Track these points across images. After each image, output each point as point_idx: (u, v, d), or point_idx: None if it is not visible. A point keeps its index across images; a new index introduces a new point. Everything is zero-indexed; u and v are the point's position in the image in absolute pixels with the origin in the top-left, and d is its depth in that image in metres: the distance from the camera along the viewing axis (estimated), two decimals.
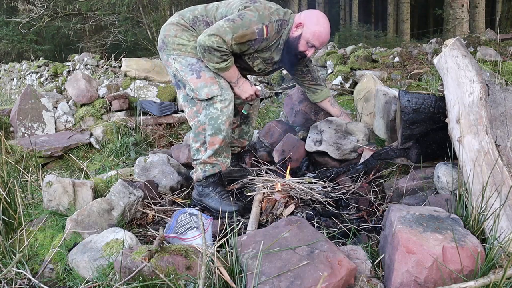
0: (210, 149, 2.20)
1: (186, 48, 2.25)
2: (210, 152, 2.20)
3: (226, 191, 2.28)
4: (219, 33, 2.03)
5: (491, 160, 1.54)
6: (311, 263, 1.30)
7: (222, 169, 2.28)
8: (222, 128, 2.16)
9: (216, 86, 2.17)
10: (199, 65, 2.21)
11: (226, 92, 2.17)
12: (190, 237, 1.65)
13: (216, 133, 2.16)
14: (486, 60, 3.67)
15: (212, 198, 2.22)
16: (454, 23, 8.71)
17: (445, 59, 1.85)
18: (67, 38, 13.75)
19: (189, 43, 2.25)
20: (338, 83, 4.37)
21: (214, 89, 2.16)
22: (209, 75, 2.19)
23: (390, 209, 1.55)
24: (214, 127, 2.15)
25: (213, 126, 2.16)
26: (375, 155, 2.28)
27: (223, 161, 2.26)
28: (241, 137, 2.62)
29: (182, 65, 2.23)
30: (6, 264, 1.66)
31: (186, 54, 2.24)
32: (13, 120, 3.72)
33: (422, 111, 1.96)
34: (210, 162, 2.24)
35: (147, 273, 1.38)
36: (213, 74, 2.19)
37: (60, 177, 2.03)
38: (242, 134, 2.61)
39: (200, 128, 2.22)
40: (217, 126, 2.15)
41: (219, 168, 2.26)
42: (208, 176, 2.26)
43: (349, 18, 16.97)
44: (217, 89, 2.16)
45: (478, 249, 1.30)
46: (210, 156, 2.21)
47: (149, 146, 3.54)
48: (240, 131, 2.60)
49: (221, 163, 2.26)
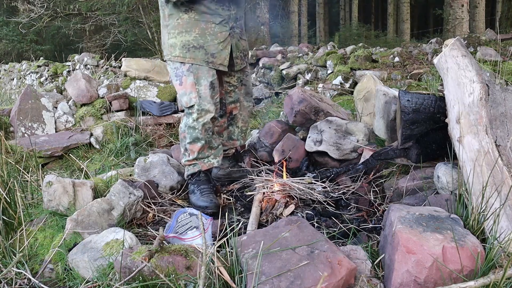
0: (191, 156, 2.27)
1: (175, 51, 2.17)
2: (191, 157, 2.27)
3: (210, 189, 2.28)
4: None
5: (491, 160, 1.54)
6: (311, 263, 1.30)
7: (202, 168, 2.29)
8: (200, 136, 2.20)
9: (194, 94, 2.15)
10: (181, 69, 2.17)
11: (203, 103, 2.15)
12: (190, 237, 1.65)
13: (195, 141, 2.22)
14: (486, 60, 3.67)
15: (194, 194, 2.25)
16: (454, 23, 8.71)
17: (445, 59, 1.85)
18: (67, 38, 13.74)
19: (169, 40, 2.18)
20: (338, 83, 4.37)
21: (192, 98, 2.15)
22: (190, 81, 2.15)
23: (390, 209, 1.55)
24: (192, 136, 2.20)
25: (191, 135, 2.20)
26: (375, 155, 2.28)
27: (205, 162, 2.29)
28: (230, 138, 2.56)
29: (171, 69, 2.22)
30: (6, 264, 1.66)
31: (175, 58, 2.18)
32: (13, 120, 3.72)
33: (422, 111, 1.96)
34: (191, 163, 2.30)
35: (147, 273, 1.38)
36: (193, 80, 2.15)
37: (60, 177, 2.02)
38: (231, 135, 2.55)
39: (182, 135, 2.27)
40: (195, 135, 2.20)
41: (198, 167, 2.29)
42: (190, 174, 2.32)
43: (349, 18, 16.97)
44: (195, 97, 2.14)
45: (478, 249, 1.29)
46: (191, 160, 2.28)
47: (149, 146, 3.54)
48: (228, 133, 2.55)
49: (202, 163, 2.29)
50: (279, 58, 5.71)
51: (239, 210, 2.21)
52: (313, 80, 4.90)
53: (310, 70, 5.04)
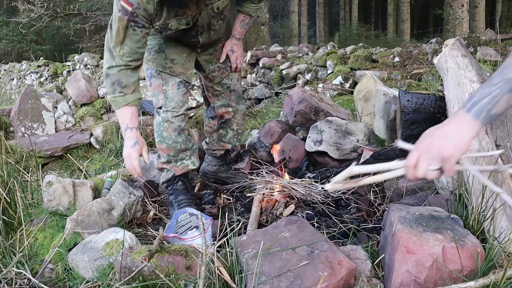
0: (162, 158, 2.14)
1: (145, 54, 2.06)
2: (162, 159, 2.14)
3: (188, 200, 2.13)
4: (106, 48, 1.79)
5: (491, 160, 1.54)
6: (311, 263, 1.30)
7: (176, 173, 2.14)
8: (165, 135, 2.06)
9: (161, 95, 2.06)
10: (150, 71, 2.08)
11: (169, 104, 2.05)
12: (190, 237, 1.65)
13: (160, 140, 2.09)
14: (486, 60, 3.67)
15: (172, 206, 2.12)
16: (454, 23, 8.72)
17: (445, 59, 1.85)
18: (67, 38, 13.75)
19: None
20: (338, 83, 4.37)
21: (159, 99, 2.06)
22: (157, 82, 2.07)
23: (390, 209, 1.55)
24: (158, 134, 2.09)
25: (157, 133, 2.09)
26: (375, 155, 2.28)
27: (178, 165, 2.13)
28: (220, 140, 2.44)
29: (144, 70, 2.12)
30: (6, 264, 1.66)
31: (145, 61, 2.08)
32: (13, 120, 3.72)
33: (422, 111, 1.96)
34: (164, 168, 2.16)
35: (147, 273, 1.38)
36: (161, 81, 2.06)
37: (60, 177, 2.03)
38: (221, 137, 2.44)
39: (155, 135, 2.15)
40: (160, 133, 2.08)
41: (171, 173, 2.14)
42: (164, 181, 2.19)
43: (349, 18, 16.98)
44: (162, 99, 2.06)
45: (478, 249, 1.29)
46: (164, 162, 2.14)
47: (149, 146, 3.54)
48: (218, 136, 2.43)
49: (175, 166, 2.13)
50: (279, 58, 5.71)
51: (239, 210, 2.21)
52: (313, 80, 4.90)
53: (310, 70, 5.04)
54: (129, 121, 1.84)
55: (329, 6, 17.97)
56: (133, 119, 1.85)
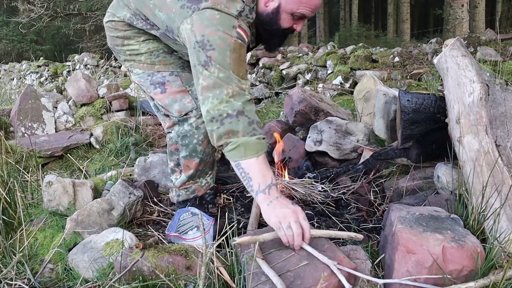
0: (184, 174, 1.84)
1: (139, 58, 1.79)
2: (184, 178, 1.85)
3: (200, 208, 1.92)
4: (220, 85, 1.42)
5: (491, 160, 1.54)
6: (311, 263, 1.30)
7: (198, 194, 1.91)
8: (199, 149, 1.76)
9: (188, 98, 1.76)
10: (161, 74, 1.78)
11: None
12: (192, 238, 1.65)
13: (192, 155, 1.78)
14: (486, 60, 3.67)
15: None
16: (454, 23, 8.72)
17: (445, 59, 1.85)
18: (67, 38, 13.76)
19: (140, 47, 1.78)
20: (338, 83, 4.37)
21: (186, 103, 1.75)
22: (177, 86, 1.77)
23: (390, 209, 1.55)
24: (189, 148, 1.77)
25: (187, 147, 1.77)
26: (375, 155, 2.28)
27: (201, 184, 1.89)
28: None
29: (141, 78, 1.82)
30: (6, 264, 1.66)
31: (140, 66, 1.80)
32: (13, 120, 3.72)
33: (422, 111, 1.96)
34: (185, 187, 1.90)
35: (147, 273, 1.38)
36: (181, 84, 1.77)
37: (60, 177, 2.03)
38: None
39: (173, 147, 1.84)
40: (192, 147, 1.76)
41: (193, 193, 1.90)
42: (182, 201, 1.93)
43: (349, 18, 16.98)
44: (190, 101, 1.75)
45: (478, 249, 1.29)
46: (184, 183, 1.87)
47: (149, 146, 3.53)
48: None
49: (198, 186, 1.88)
50: (279, 58, 5.72)
51: (239, 210, 2.21)
52: (313, 80, 4.90)
53: (310, 70, 5.04)
54: (273, 175, 1.45)
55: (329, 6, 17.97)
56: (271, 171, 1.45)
